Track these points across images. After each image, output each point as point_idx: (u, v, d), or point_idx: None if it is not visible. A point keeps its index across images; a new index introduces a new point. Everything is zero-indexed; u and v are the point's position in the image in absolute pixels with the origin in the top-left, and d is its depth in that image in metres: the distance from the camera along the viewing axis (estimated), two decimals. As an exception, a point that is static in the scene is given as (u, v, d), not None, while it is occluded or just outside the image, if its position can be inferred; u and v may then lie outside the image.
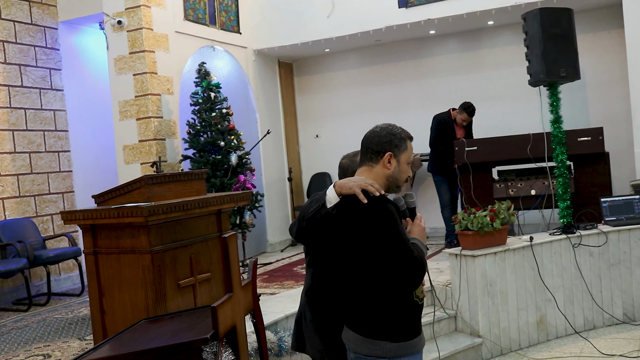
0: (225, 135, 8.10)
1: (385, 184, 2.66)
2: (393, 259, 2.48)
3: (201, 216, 4.76)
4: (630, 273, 5.90)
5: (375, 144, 2.67)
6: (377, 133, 2.69)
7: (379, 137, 2.67)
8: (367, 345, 2.56)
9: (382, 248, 2.49)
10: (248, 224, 8.17)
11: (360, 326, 2.59)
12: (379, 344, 2.54)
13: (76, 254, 7.90)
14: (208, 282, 4.79)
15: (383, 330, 2.54)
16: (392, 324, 2.55)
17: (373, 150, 2.67)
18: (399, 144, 2.66)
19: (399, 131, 2.69)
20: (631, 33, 7.41)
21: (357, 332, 2.59)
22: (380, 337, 2.54)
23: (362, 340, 2.57)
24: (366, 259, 2.54)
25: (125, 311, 4.40)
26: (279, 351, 4.24)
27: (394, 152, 2.65)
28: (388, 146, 2.65)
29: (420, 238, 2.69)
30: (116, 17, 7.82)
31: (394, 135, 2.67)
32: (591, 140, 6.71)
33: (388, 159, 2.64)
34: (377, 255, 2.51)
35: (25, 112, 8.32)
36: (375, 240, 2.50)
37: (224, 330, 2.69)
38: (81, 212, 4.50)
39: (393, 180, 2.67)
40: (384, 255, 2.49)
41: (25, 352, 5.41)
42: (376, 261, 2.52)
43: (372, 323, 2.56)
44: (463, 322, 5.60)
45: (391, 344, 2.53)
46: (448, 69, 9.84)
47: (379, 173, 2.66)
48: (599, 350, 5.26)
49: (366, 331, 2.56)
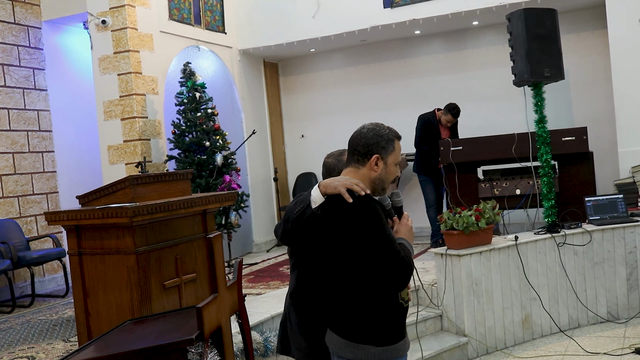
0: (210, 135, 8.08)
1: (372, 186, 2.60)
2: (379, 260, 2.44)
3: (186, 216, 4.75)
4: (614, 272, 5.95)
5: (362, 146, 2.61)
6: (364, 134, 2.62)
7: (365, 138, 2.61)
8: (350, 349, 2.52)
9: (367, 248, 2.45)
10: (234, 225, 8.15)
11: (344, 330, 2.54)
12: (363, 348, 2.50)
13: (60, 255, 7.85)
14: (193, 282, 4.78)
15: (367, 334, 2.50)
16: (376, 328, 2.51)
17: (359, 152, 2.61)
18: (386, 146, 2.60)
19: (386, 132, 2.63)
20: (614, 33, 7.47)
21: (341, 336, 2.55)
22: (364, 341, 2.50)
23: (346, 344, 2.53)
24: (351, 259, 2.50)
25: (110, 312, 4.38)
26: (265, 351, 4.24)
27: (381, 154, 2.59)
28: (375, 148, 2.59)
29: (407, 238, 2.65)
30: (100, 17, 7.78)
31: (381, 136, 2.60)
32: (575, 140, 6.76)
33: (375, 161, 2.58)
34: (362, 256, 2.47)
35: (9, 112, 8.26)
36: (360, 241, 2.46)
37: (209, 330, 2.69)
38: (65, 212, 4.47)
39: (379, 183, 2.62)
40: (370, 256, 2.45)
41: (9, 354, 5.36)
42: (361, 262, 2.48)
43: (356, 326, 2.52)
44: (449, 321, 5.61)
45: (375, 348, 2.49)
46: (433, 69, 9.87)
47: (365, 175, 2.60)
48: (583, 348, 5.30)
49: (350, 335, 2.52)
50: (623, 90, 7.40)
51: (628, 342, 5.32)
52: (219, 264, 2.92)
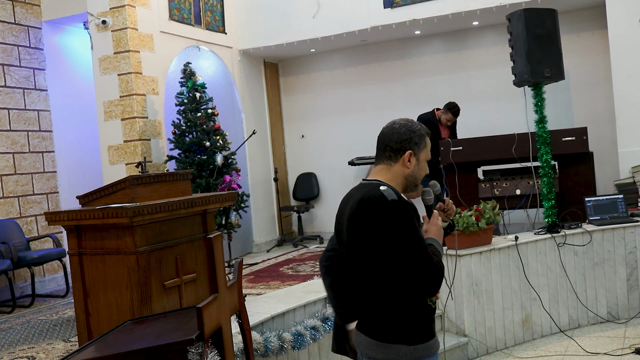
0: (210, 135, 8.08)
1: (404, 183, 2.56)
2: (411, 266, 2.37)
3: (186, 217, 4.74)
4: (614, 272, 5.95)
5: (394, 142, 2.54)
6: (396, 130, 2.56)
7: (398, 134, 2.54)
8: (381, 349, 2.46)
9: (400, 253, 2.37)
10: (234, 225, 8.15)
11: (374, 330, 2.49)
12: (394, 347, 2.45)
13: (60, 255, 7.85)
14: (193, 282, 4.78)
15: (398, 334, 2.45)
16: (407, 327, 2.46)
17: (392, 148, 2.55)
18: (419, 142, 2.55)
19: (418, 128, 2.57)
20: (614, 34, 7.47)
21: (371, 336, 2.50)
22: (395, 340, 2.45)
23: (377, 345, 2.48)
24: (384, 262, 2.42)
25: (111, 312, 4.37)
26: (265, 351, 4.23)
27: (414, 150, 2.54)
28: (408, 144, 2.53)
29: (437, 238, 2.56)
30: (101, 17, 7.78)
31: (414, 132, 2.55)
32: (575, 140, 6.76)
33: (408, 157, 2.53)
34: (395, 260, 2.39)
35: (9, 112, 8.26)
36: (394, 244, 2.38)
37: (209, 331, 2.69)
38: (65, 213, 4.47)
39: (412, 179, 2.56)
40: (402, 260, 2.37)
41: (9, 354, 5.36)
42: (394, 266, 2.40)
43: (387, 326, 2.47)
44: (449, 321, 5.61)
45: (407, 347, 2.44)
46: (433, 69, 9.88)
47: (397, 172, 2.55)
48: (583, 348, 5.29)
49: (380, 335, 2.47)
50: (623, 91, 7.40)
51: (628, 342, 5.32)
52: (219, 264, 2.92)
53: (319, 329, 4.48)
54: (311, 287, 5.11)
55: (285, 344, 4.27)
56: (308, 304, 4.65)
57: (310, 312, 4.65)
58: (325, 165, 10.57)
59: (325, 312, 4.64)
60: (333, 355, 4.69)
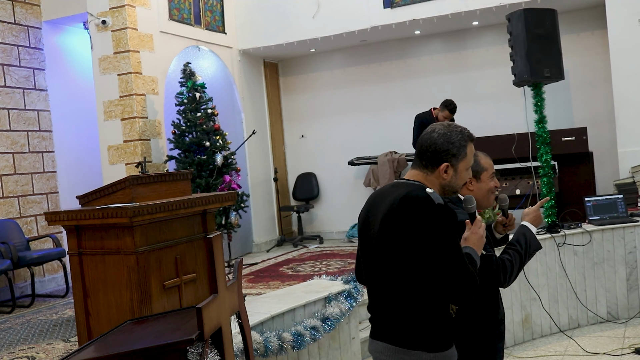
0: (210, 135, 8.08)
1: (441, 191, 2.48)
2: (446, 271, 2.29)
3: (186, 217, 4.74)
4: (614, 272, 5.95)
5: (431, 152, 2.45)
6: (434, 140, 2.46)
7: (435, 145, 2.45)
8: (400, 355, 2.39)
9: (437, 256, 2.30)
10: (234, 225, 8.15)
11: (394, 335, 2.42)
12: (414, 354, 2.38)
13: (60, 255, 7.85)
14: (193, 282, 4.78)
15: (420, 340, 2.38)
16: (429, 334, 2.38)
17: (428, 158, 2.47)
18: (458, 153, 2.45)
19: (458, 138, 2.46)
20: (614, 34, 7.47)
21: (390, 342, 2.42)
22: (417, 347, 2.37)
23: (395, 350, 2.40)
24: (417, 264, 2.34)
25: (110, 312, 4.37)
26: (265, 351, 4.23)
27: (451, 162, 2.45)
28: (445, 156, 2.44)
29: (476, 247, 2.49)
30: (100, 17, 7.78)
31: (452, 143, 2.44)
32: (575, 140, 6.77)
33: (444, 169, 2.45)
34: (429, 263, 2.31)
35: (9, 112, 8.26)
36: (432, 247, 2.30)
37: (209, 330, 2.69)
38: (65, 213, 4.47)
39: (449, 188, 2.50)
40: (438, 264, 2.30)
41: (9, 354, 5.36)
42: (427, 268, 2.32)
43: (409, 332, 2.39)
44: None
45: (427, 354, 2.37)
46: (433, 69, 9.88)
47: (434, 182, 2.47)
48: (583, 348, 5.30)
49: (401, 340, 2.40)
50: (623, 91, 7.40)
51: (628, 342, 5.32)
52: (219, 264, 2.92)
53: (318, 329, 4.47)
54: (311, 287, 5.10)
55: (285, 344, 4.27)
56: (308, 304, 4.65)
57: (310, 312, 4.65)
58: (325, 165, 10.57)
59: (325, 312, 4.64)
60: (333, 355, 4.70)
